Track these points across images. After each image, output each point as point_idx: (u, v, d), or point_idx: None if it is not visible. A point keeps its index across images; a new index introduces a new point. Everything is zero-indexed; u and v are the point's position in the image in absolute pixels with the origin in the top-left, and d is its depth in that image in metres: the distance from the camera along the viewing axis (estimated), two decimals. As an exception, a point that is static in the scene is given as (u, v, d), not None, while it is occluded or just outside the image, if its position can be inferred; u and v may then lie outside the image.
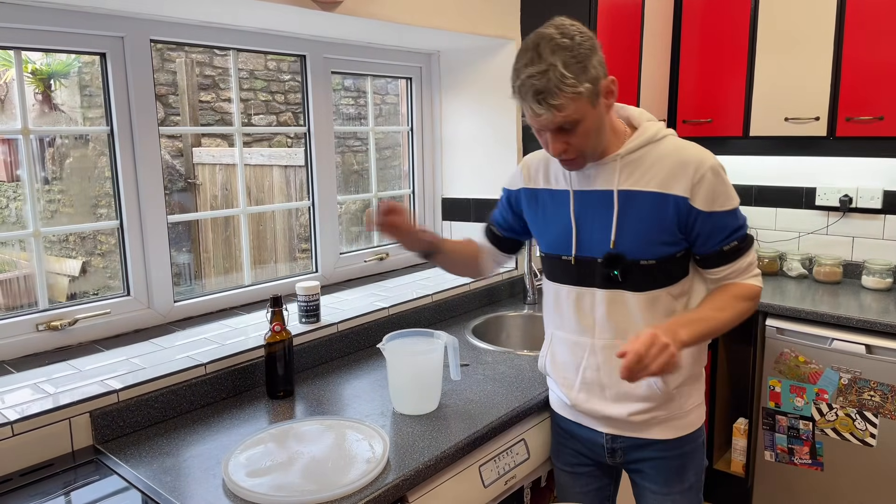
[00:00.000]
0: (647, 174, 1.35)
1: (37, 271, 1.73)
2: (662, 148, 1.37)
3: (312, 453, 1.35)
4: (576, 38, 1.24)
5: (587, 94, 1.24)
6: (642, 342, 1.18)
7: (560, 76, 1.21)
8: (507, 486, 1.58)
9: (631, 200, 1.36)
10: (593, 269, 1.41)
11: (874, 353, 2.27)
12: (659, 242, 1.36)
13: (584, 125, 1.28)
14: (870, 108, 2.44)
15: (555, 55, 1.22)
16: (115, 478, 1.31)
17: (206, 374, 1.63)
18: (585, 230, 1.42)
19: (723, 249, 1.36)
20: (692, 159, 1.33)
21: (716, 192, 1.33)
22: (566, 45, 1.23)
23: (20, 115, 1.66)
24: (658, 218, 1.34)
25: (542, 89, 1.23)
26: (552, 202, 1.48)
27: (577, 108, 1.24)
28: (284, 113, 5.44)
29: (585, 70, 1.23)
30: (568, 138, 1.30)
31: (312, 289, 1.90)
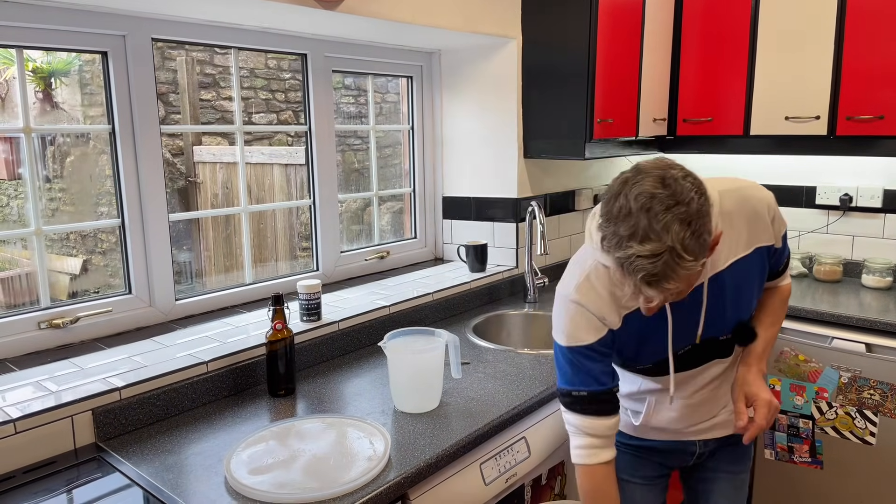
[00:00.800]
0: (729, 243, 1.27)
1: (38, 269, 1.73)
2: (727, 207, 1.25)
3: (314, 451, 1.36)
4: (693, 204, 1.02)
5: (701, 268, 1.08)
6: (765, 417, 1.31)
7: (678, 258, 1.02)
8: (508, 483, 1.59)
9: (727, 277, 1.29)
10: (717, 345, 1.36)
11: (874, 351, 2.27)
12: (759, 291, 1.39)
13: (689, 288, 1.13)
14: (870, 107, 2.44)
15: (671, 232, 1.01)
16: (118, 475, 1.31)
17: (207, 372, 1.63)
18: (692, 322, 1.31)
19: (779, 269, 1.43)
20: (762, 203, 1.30)
21: (778, 223, 1.34)
22: (683, 215, 1.02)
23: (22, 113, 1.67)
24: (757, 272, 1.34)
25: (657, 273, 1.03)
26: (643, 317, 1.27)
27: (689, 282, 1.09)
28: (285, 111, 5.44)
29: (703, 245, 1.05)
30: (665, 300, 1.15)
31: (313, 287, 1.91)
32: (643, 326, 1.30)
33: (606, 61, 2.45)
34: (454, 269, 2.66)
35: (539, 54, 2.51)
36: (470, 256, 2.59)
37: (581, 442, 1.33)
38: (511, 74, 2.54)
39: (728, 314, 1.33)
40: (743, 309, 1.35)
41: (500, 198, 2.65)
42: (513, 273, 2.66)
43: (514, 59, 2.53)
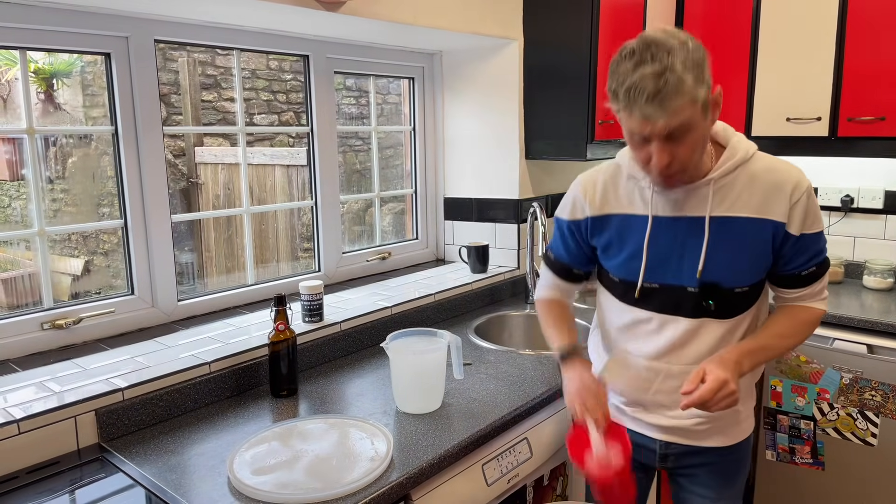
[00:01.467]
0: (740, 198, 1.28)
1: (41, 270, 1.74)
2: (754, 168, 1.28)
3: (316, 451, 1.36)
4: (689, 43, 1.14)
5: (702, 101, 1.15)
6: (709, 389, 1.19)
7: (679, 78, 1.11)
8: (510, 484, 1.59)
9: (724, 227, 1.29)
10: (681, 297, 1.34)
11: (875, 352, 2.27)
12: (754, 269, 1.31)
13: (693, 135, 1.17)
14: (871, 109, 2.44)
15: (671, 56, 1.12)
16: (121, 475, 1.32)
17: (210, 372, 1.64)
18: (672, 258, 1.33)
19: (801, 274, 1.32)
20: (789, 181, 1.27)
21: (808, 215, 1.28)
22: (679, 47, 1.13)
23: (25, 114, 1.67)
24: (756, 244, 1.28)
25: (659, 90, 1.11)
26: (626, 227, 1.38)
27: (692, 114, 1.14)
28: (286, 112, 5.45)
29: (702, 74, 1.14)
30: (675, 149, 1.18)
31: (316, 288, 1.91)
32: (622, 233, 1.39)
33: (608, 62, 2.45)
34: (456, 269, 2.66)
35: (540, 55, 2.51)
36: (471, 257, 2.59)
37: (541, 283, 1.62)
38: (512, 75, 2.55)
39: (705, 265, 1.30)
40: (724, 271, 1.30)
41: (502, 199, 2.66)
42: (514, 274, 2.66)
43: (516, 60, 2.53)
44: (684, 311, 1.34)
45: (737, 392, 1.21)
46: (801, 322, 1.36)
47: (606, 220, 1.41)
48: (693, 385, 1.22)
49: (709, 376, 1.21)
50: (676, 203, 1.32)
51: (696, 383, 1.22)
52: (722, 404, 1.21)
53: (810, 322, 1.36)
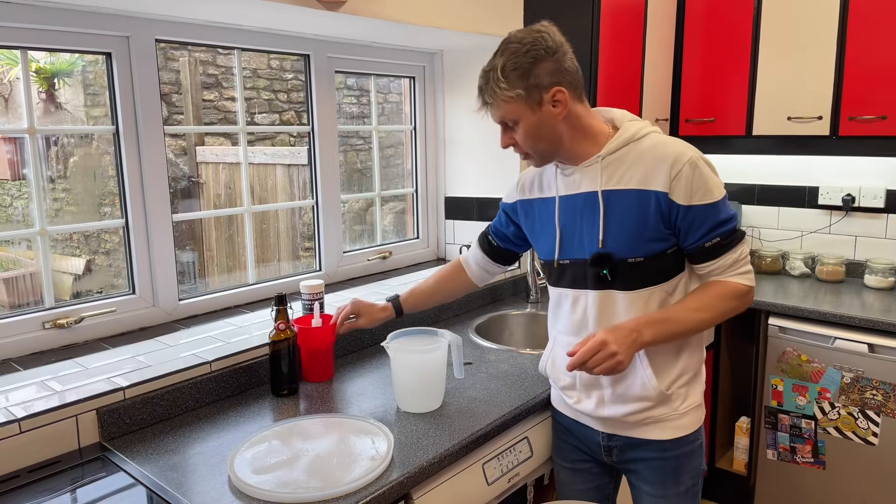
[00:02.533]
0: (628, 173, 1.37)
1: (43, 269, 1.74)
2: (643, 146, 1.38)
3: (317, 451, 1.36)
4: (527, 45, 1.31)
5: (522, 99, 1.32)
6: (588, 349, 1.28)
7: (496, 79, 1.32)
8: (511, 483, 1.59)
9: (615, 200, 1.37)
10: (584, 270, 1.42)
11: (876, 352, 2.27)
12: (646, 239, 1.36)
13: (524, 126, 1.35)
14: (872, 108, 2.44)
15: (501, 57, 1.32)
16: (122, 474, 1.32)
17: (211, 371, 1.64)
18: (575, 233, 1.43)
19: (704, 245, 1.35)
20: (670, 154, 1.34)
21: (693, 185, 1.32)
22: (514, 49, 1.31)
23: (26, 114, 1.67)
24: (642, 214, 1.35)
25: (482, 87, 1.36)
26: (543, 210, 1.52)
27: (511, 109, 1.34)
28: (287, 112, 5.45)
29: (525, 77, 1.31)
30: (512, 135, 1.39)
31: (316, 287, 1.91)
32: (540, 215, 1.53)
33: (609, 62, 2.45)
34: (456, 269, 2.66)
35: (541, 55, 2.50)
36: (472, 257, 2.59)
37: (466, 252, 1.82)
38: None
39: (596, 237, 1.39)
40: (614, 242, 1.37)
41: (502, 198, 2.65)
42: (515, 274, 2.66)
43: (517, 59, 2.52)
44: (589, 284, 1.43)
45: (620, 355, 1.28)
46: (716, 295, 1.38)
47: (530, 204, 1.56)
48: (577, 347, 1.31)
49: (591, 339, 1.30)
50: (574, 182, 1.43)
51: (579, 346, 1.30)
52: (604, 366, 1.28)
53: (726, 296, 1.37)
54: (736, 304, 1.39)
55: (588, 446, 1.56)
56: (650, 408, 1.43)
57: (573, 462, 1.62)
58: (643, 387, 1.41)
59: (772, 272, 2.96)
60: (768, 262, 2.96)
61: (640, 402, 1.42)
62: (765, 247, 3.08)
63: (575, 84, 1.37)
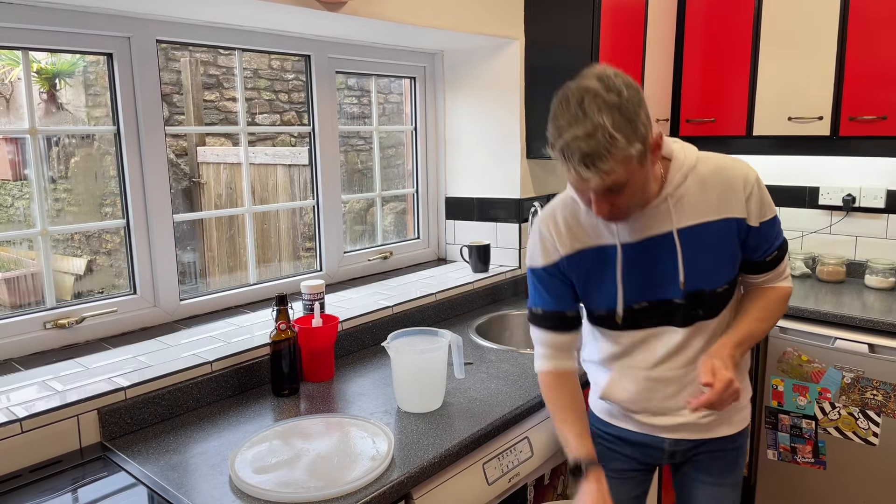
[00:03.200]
0: (698, 205, 1.31)
1: (44, 270, 1.74)
2: (702, 172, 1.32)
3: (318, 450, 1.36)
4: (623, 94, 1.13)
5: (637, 155, 1.14)
6: (717, 391, 1.23)
7: (609, 138, 1.11)
8: (511, 483, 1.59)
9: (693, 236, 1.32)
10: (671, 310, 1.36)
11: (877, 352, 2.27)
12: (728, 266, 1.36)
13: (632, 186, 1.18)
14: (873, 108, 2.44)
15: (602, 113, 1.11)
16: (123, 474, 1.32)
17: (212, 371, 1.64)
18: (650, 276, 1.35)
19: (766, 260, 1.38)
20: (737, 177, 1.31)
21: (762, 203, 1.33)
22: (613, 101, 1.12)
23: (28, 114, 1.68)
24: (724, 243, 1.33)
25: (590, 152, 1.11)
26: (603, 257, 1.37)
27: (626, 170, 1.15)
28: (288, 112, 5.46)
29: (635, 129, 1.13)
30: (614, 199, 1.20)
31: (317, 287, 1.92)
32: (596, 266, 1.38)
33: (609, 62, 2.45)
34: (457, 269, 2.66)
35: (542, 55, 2.51)
36: (473, 257, 2.60)
37: (539, 351, 1.48)
38: (514, 75, 2.55)
39: (686, 276, 1.33)
40: (703, 277, 1.34)
41: (503, 198, 2.66)
42: (515, 273, 2.67)
43: (517, 59, 2.53)
44: (676, 322, 1.37)
45: (739, 386, 1.25)
46: (774, 302, 1.41)
47: (579, 256, 1.39)
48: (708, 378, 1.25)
49: (717, 377, 1.25)
50: (641, 226, 1.33)
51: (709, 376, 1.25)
52: (728, 402, 1.25)
53: (782, 300, 1.42)
54: (786, 306, 1.44)
55: (646, 453, 1.52)
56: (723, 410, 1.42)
57: (621, 472, 1.57)
58: None
59: (772, 272, 2.96)
60: (769, 262, 2.96)
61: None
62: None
63: None
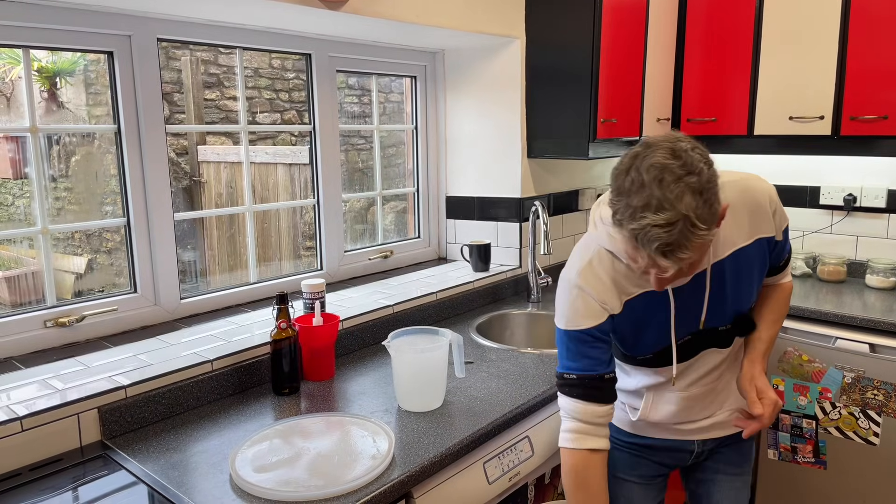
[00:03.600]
0: (732, 233, 1.29)
1: (45, 268, 1.74)
2: (729, 196, 1.23)
3: (318, 449, 1.36)
4: (703, 174, 1.06)
5: (713, 237, 1.10)
6: (769, 416, 1.32)
7: (692, 227, 1.04)
8: (512, 482, 1.59)
9: (730, 264, 1.31)
10: (714, 337, 1.37)
11: (878, 352, 2.27)
12: (759, 282, 1.40)
13: (699, 261, 1.15)
14: (874, 108, 2.44)
15: (683, 201, 1.03)
16: (123, 473, 1.32)
17: (212, 370, 1.64)
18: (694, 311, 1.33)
19: (780, 264, 1.45)
20: (761, 196, 1.31)
21: (782, 216, 1.37)
22: (694, 185, 1.04)
23: (28, 113, 1.68)
24: (758, 264, 1.36)
25: (671, 243, 1.04)
26: (650, 303, 1.31)
27: (702, 253, 1.11)
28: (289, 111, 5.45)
29: (714, 214, 1.07)
30: (676, 274, 1.13)
31: (318, 286, 1.91)
32: (645, 313, 1.32)
33: (610, 61, 2.45)
34: (458, 268, 2.66)
35: (543, 54, 2.51)
36: (473, 256, 2.60)
37: (569, 426, 1.34)
38: (515, 74, 2.55)
39: (729, 303, 1.35)
40: (744, 299, 1.37)
41: (504, 197, 2.66)
42: (516, 273, 2.66)
43: (518, 58, 2.53)
44: (719, 344, 1.39)
45: (778, 401, 1.34)
46: (783, 302, 1.49)
47: (629, 306, 1.31)
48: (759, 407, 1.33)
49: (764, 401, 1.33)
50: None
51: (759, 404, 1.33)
52: (774, 418, 1.34)
53: (787, 298, 1.50)
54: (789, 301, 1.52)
55: (674, 457, 1.54)
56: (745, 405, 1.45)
57: (648, 479, 1.56)
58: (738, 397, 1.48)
59: (773, 272, 2.96)
60: (769, 261, 2.96)
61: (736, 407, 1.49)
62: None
63: None
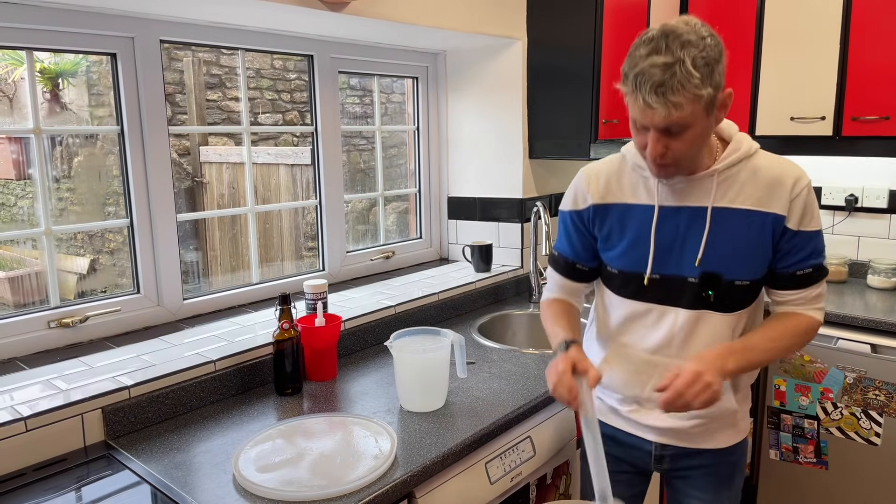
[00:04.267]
0: (743, 191, 1.29)
1: (48, 269, 1.75)
2: (756, 162, 1.29)
3: (321, 449, 1.37)
4: (707, 39, 1.16)
5: (706, 100, 1.16)
6: (684, 381, 1.19)
7: (687, 73, 1.13)
8: (513, 482, 1.59)
9: (726, 219, 1.29)
10: (681, 288, 1.33)
11: (879, 352, 2.27)
12: (757, 262, 1.30)
13: (692, 131, 1.19)
14: (876, 108, 2.44)
15: (684, 50, 1.14)
16: (127, 473, 1.33)
17: (215, 370, 1.65)
18: (674, 248, 1.33)
19: (796, 273, 1.31)
20: (790, 175, 1.27)
21: (806, 210, 1.28)
22: (697, 42, 1.15)
23: (32, 114, 1.68)
24: (757, 236, 1.28)
25: (664, 82, 1.13)
26: (631, 217, 1.37)
27: (693, 111, 1.16)
28: (290, 111, 5.46)
29: (712, 74, 1.15)
30: (670, 142, 1.20)
31: (320, 287, 1.92)
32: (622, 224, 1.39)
33: (612, 62, 2.45)
34: (459, 269, 2.67)
35: (544, 55, 2.51)
36: (475, 257, 2.60)
37: (548, 287, 1.58)
38: (516, 75, 2.55)
39: (708, 258, 1.30)
40: (724, 262, 1.30)
41: (506, 198, 2.66)
42: (518, 273, 2.67)
43: (520, 59, 2.53)
44: (684, 303, 1.33)
45: (715, 384, 1.19)
46: (794, 328, 1.33)
47: (608, 210, 1.40)
48: (668, 381, 1.21)
49: (682, 372, 1.21)
50: (680, 193, 1.32)
51: (671, 380, 1.21)
52: (701, 398, 1.19)
53: (804, 330, 1.33)
54: (808, 338, 1.34)
55: (634, 455, 1.50)
56: (713, 419, 1.39)
57: (614, 474, 1.50)
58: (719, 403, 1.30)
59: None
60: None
61: (706, 417, 1.38)
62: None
63: None
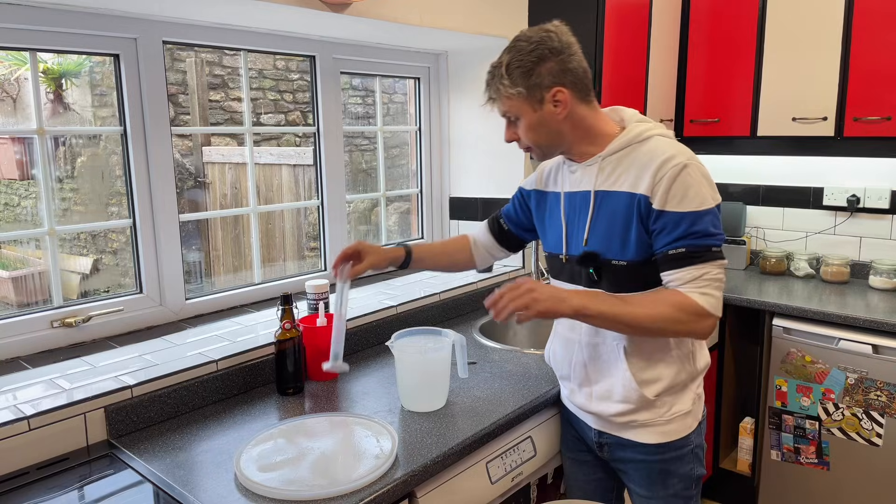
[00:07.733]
0: (623, 174, 1.37)
1: (51, 269, 1.76)
2: (643, 148, 1.38)
3: (322, 449, 1.37)
4: (532, 44, 1.34)
5: (523, 97, 1.35)
6: (510, 286, 1.32)
7: (500, 76, 1.36)
8: (514, 482, 1.60)
9: (606, 200, 1.39)
10: (578, 267, 1.45)
11: (881, 353, 2.27)
12: (631, 243, 1.35)
13: (524, 122, 1.38)
14: (877, 109, 2.44)
15: (507, 55, 1.36)
16: (129, 472, 1.33)
17: (217, 370, 1.65)
18: (574, 230, 1.47)
19: (668, 253, 1.30)
20: (659, 156, 1.32)
21: (672, 189, 1.28)
22: (520, 48, 1.35)
23: (35, 115, 1.69)
24: (627, 217, 1.35)
25: (488, 82, 1.40)
26: (554, 203, 1.55)
27: (513, 105, 1.37)
28: (293, 112, 5.47)
29: (527, 75, 1.34)
30: (514, 129, 1.42)
31: (321, 287, 1.92)
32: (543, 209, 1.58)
33: (613, 62, 2.46)
34: (461, 269, 2.67)
35: (546, 56, 2.51)
36: (477, 257, 2.60)
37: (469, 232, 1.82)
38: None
39: (592, 238, 1.41)
40: (602, 242, 1.39)
41: (507, 198, 2.64)
42: (519, 273, 2.67)
43: (521, 60, 2.53)
44: (583, 281, 1.45)
45: (538, 297, 1.28)
46: (665, 300, 1.29)
47: (543, 197, 1.59)
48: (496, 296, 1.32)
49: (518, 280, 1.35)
50: (576, 179, 1.47)
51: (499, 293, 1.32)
52: (517, 302, 1.28)
53: (672, 303, 1.28)
54: (682, 317, 1.28)
55: (587, 439, 1.60)
56: (634, 411, 1.44)
57: (576, 453, 1.66)
58: (625, 388, 1.43)
59: (776, 273, 2.96)
60: (773, 262, 2.96)
61: (624, 404, 1.44)
62: (769, 247, 3.08)
63: (579, 85, 1.37)
